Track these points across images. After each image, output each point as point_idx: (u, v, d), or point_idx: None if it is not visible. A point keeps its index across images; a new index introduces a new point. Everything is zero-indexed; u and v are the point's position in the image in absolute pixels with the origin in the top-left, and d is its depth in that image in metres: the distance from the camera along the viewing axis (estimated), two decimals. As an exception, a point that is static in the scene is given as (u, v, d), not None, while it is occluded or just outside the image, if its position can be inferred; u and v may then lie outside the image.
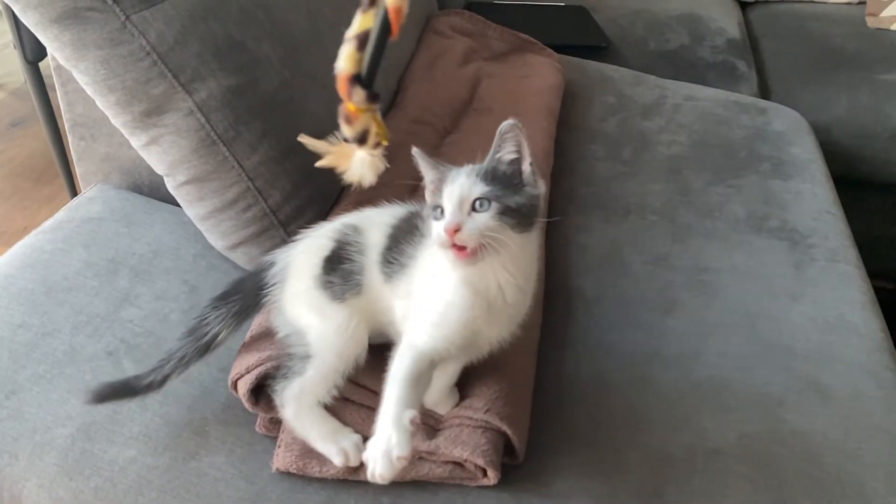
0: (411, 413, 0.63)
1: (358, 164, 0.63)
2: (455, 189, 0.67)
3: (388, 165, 0.66)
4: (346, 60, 0.55)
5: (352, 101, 0.55)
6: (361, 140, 0.59)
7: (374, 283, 0.76)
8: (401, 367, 0.68)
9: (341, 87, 0.55)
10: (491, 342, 0.75)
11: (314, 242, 0.79)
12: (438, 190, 0.69)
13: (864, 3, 2.04)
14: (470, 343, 0.73)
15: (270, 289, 0.79)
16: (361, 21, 0.53)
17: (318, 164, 0.66)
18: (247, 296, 0.81)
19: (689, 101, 1.52)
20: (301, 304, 0.77)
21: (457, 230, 0.65)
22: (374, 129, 0.58)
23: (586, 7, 1.93)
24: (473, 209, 0.66)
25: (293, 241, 0.82)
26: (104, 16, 0.80)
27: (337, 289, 0.76)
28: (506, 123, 0.68)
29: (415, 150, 0.71)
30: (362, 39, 0.54)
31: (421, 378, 0.70)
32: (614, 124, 1.44)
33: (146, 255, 0.99)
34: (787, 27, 2.03)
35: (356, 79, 0.55)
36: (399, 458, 0.61)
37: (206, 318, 0.80)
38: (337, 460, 0.75)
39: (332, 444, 0.75)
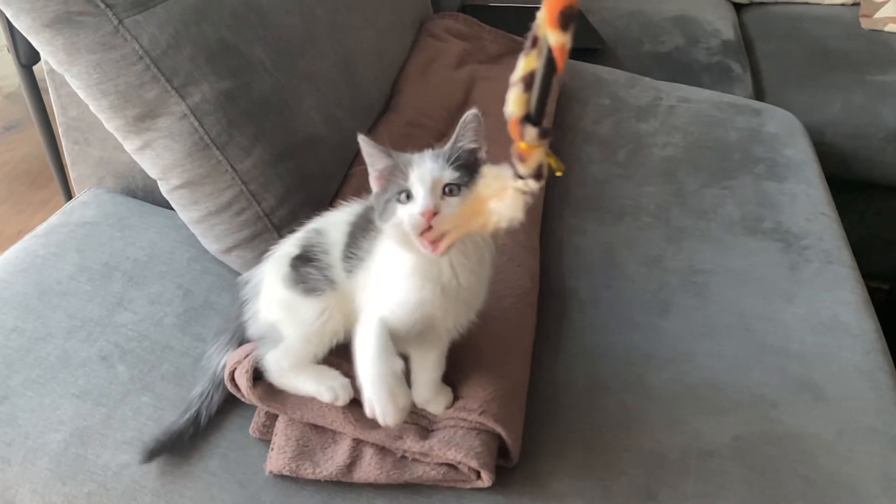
0: (400, 363, 0.68)
1: (507, 206, 0.63)
2: (426, 173, 0.67)
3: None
4: (514, 104, 0.56)
5: (524, 141, 0.56)
6: (538, 176, 0.59)
7: (340, 279, 0.77)
8: (370, 333, 0.69)
9: (513, 129, 0.57)
10: (448, 328, 0.76)
11: (281, 253, 0.81)
12: (395, 175, 0.69)
13: (858, 4, 2.05)
14: (426, 328, 0.74)
15: (246, 304, 0.82)
16: (525, 63, 0.55)
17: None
18: (234, 320, 0.84)
19: (683, 103, 1.52)
20: (272, 304, 0.80)
21: (435, 213, 0.65)
22: (546, 163, 0.59)
23: (581, 9, 1.94)
24: (444, 194, 0.67)
25: (264, 258, 0.84)
26: (97, 20, 0.80)
27: (308, 284, 0.77)
28: (469, 113, 0.69)
29: (361, 138, 0.70)
30: (528, 81, 0.55)
31: (392, 355, 0.71)
32: (609, 126, 1.44)
33: (140, 259, 0.99)
34: (781, 29, 2.04)
35: (526, 119, 0.55)
36: (403, 407, 0.67)
37: (209, 355, 0.84)
38: (326, 397, 0.77)
39: (319, 385, 0.78)
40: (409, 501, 0.76)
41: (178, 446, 0.79)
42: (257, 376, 0.80)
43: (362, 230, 0.76)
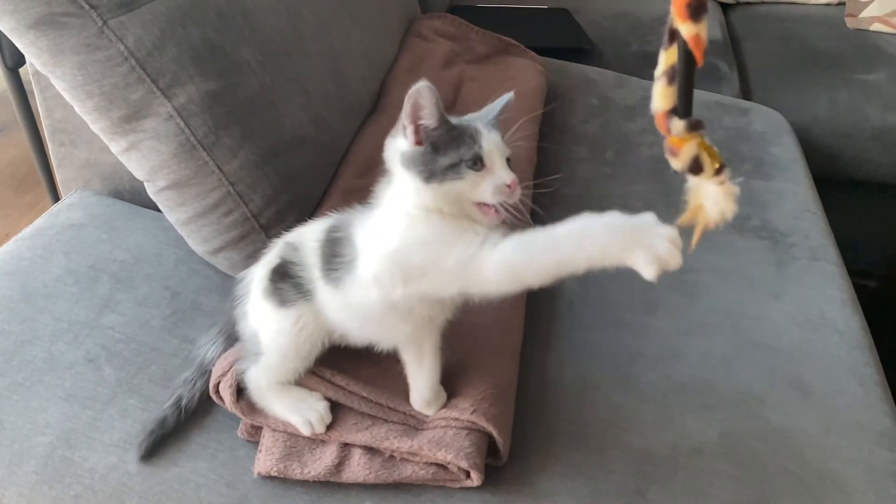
0: None
1: (712, 202, 0.62)
2: (497, 144, 0.69)
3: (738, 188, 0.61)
4: (658, 98, 0.56)
5: (672, 135, 0.56)
6: (694, 169, 0.58)
7: (326, 297, 0.75)
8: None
9: (660, 123, 0.57)
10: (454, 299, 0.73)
11: (267, 258, 0.80)
12: (455, 139, 0.67)
13: (844, 4, 2.06)
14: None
15: (239, 300, 0.82)
16: (665, 57, 0.55)
17: (680, 221, 0.63)
18: (226, 314, 0.84)
19: (671, 103, 1.52)
20: (256, 310, 0.79)
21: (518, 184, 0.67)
22: (704, 154, 0.57)
23: (569, 10, 1.94)
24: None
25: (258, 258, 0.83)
26: (81, 21, 0.79)
27: (286, 294, 0.76)
28: (509, 95, 0.72)
29: (427, 85, 0.66)
30: (670, 75, 0.55)
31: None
32: (597, 126, 1.45)
33: (127, 261, 0.99)
34: (767, 28, 2.05)
35: (672, 112, 0.55)
36: None
37: (199, 343, 0.85)
38: (304, 431, 0.77)
39: (296, 415, 0.78)
40: (398, 501, 0.76)
41: (163, 431, 0.79)
42: (242, 387, 0.80)
43: (335, 244, 0.73)
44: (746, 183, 1.29)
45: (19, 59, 1.51)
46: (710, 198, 0.61)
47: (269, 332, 0.78)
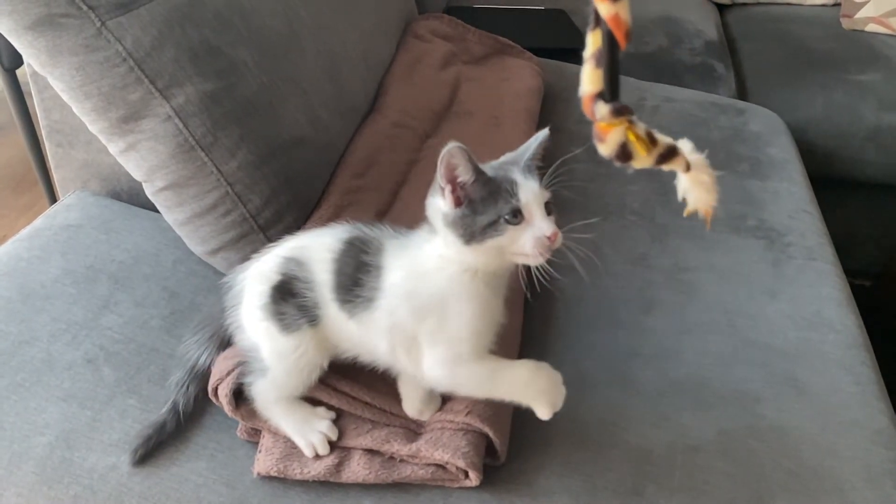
0: None
1: (689, 193, 0.62)
2: (535, 193, 0.68)
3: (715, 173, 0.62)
4: (585, 81, 0.55)
5: (597, 119, 0.55)
6: (622, 156, 0.57)
7: (336, 318, 0.74)
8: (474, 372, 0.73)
9: (586, 107, 0.55)
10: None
11: (262, 270, 0.77)
12: (491, 192, 0.67)
13: (839, 4, 2.07)
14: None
15: (229, 311, 0.80)
16: (593, 39, 0.53)
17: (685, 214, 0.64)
18: (214, 320, 0.83)
19: (667, 103, 1.53)
20: (254, 328, 0.77)
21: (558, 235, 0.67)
22: (633, 141, 0.56)
23: (565, 10, 1.95)
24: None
25: (245, 264, 0.81)
26: (79, 22, 0.80)
27: (289, 320, 0.74)
28: (543, 133, 0.72)
29: (458, 146, 0.65)
30: (598, 58, 0.53)
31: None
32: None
33: (125, 261, 0.99)
34: (763, 29, 2.06)
35: (599, 96, 0.54)
36: None
37: (188, 347, 0.84)
38: (306, 452, 0.77)
39: (300, 437, 0.77)
40: (397, 500, 0.76)
41: (160, 438, 0.79)
42: (239, 390, 0.79)
43: (355, 267, 0.72)
44: (743, 183, 1.31)
45: (16, 61, 1.51)
46: (682, 188, 0.61)
47: (271, 354, 0.76)
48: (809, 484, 0.81)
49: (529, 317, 0.96)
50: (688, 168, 0.60)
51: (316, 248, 0.75)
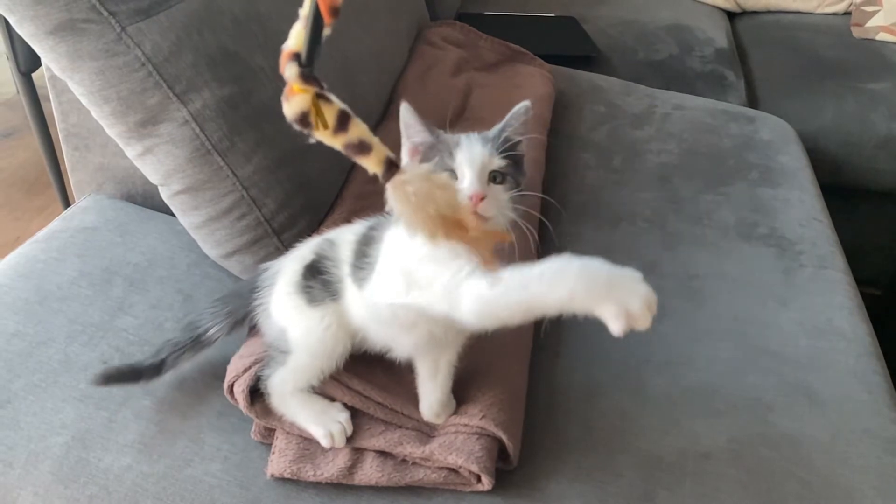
0: None
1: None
2: (476, 156, 0.68)
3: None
4: (291, 37, 0.56)
5: (285, 76, 0.56)
6: (301, 122, 0.58)
7: (351, 294, 0.76)
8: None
9: (282, 62, 0.56)
10: None
11: (299, 253, 0.81)
12: (437, 153, 0.69)
13: (850, 13, 2.07)
14: None
15: (261, 291, 0.82)
16: (310, 2, 0.54)
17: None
18: (241, 297, 0.84)
19: (678, 111, 1.54)
20: (283, 306, 0.80)
21: (482, 198, 0.66)
22: (313, 113, 0.57)
23: (576, 18, 1.96)
24: (490, 180, 0.68)
25: (289, 251, 0.84)
26: (100, 27, 0.81)
27: (315, 293, 0.77)
28: (521, 105, 0.71)
29: (404, 106, 0.69)
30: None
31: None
32: (605, 133, 1.45)
33: (140, 264, 1.00)
34: (774, 37, 2.06)
35: (296, 56, 0.55)
36: None
37: (201, 314, 0.84)
38: (323, 442, 0.78)
39: (319, 427, 0.78)
40: (409, 503, 0.76)
41: (128, 382, 0.81)
42: (255, 389, 0.80)
43: (367, 244, 0.75)
44: (753, 191, 1.31)
45: (32, 64, 1.53)
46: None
47: (298, 330, 0.78)
48: (821, 493, 0.81)
49: (539, 323, 0.97)
50: (387, 176, 0.60)
51: (348, 231, 0.79)
